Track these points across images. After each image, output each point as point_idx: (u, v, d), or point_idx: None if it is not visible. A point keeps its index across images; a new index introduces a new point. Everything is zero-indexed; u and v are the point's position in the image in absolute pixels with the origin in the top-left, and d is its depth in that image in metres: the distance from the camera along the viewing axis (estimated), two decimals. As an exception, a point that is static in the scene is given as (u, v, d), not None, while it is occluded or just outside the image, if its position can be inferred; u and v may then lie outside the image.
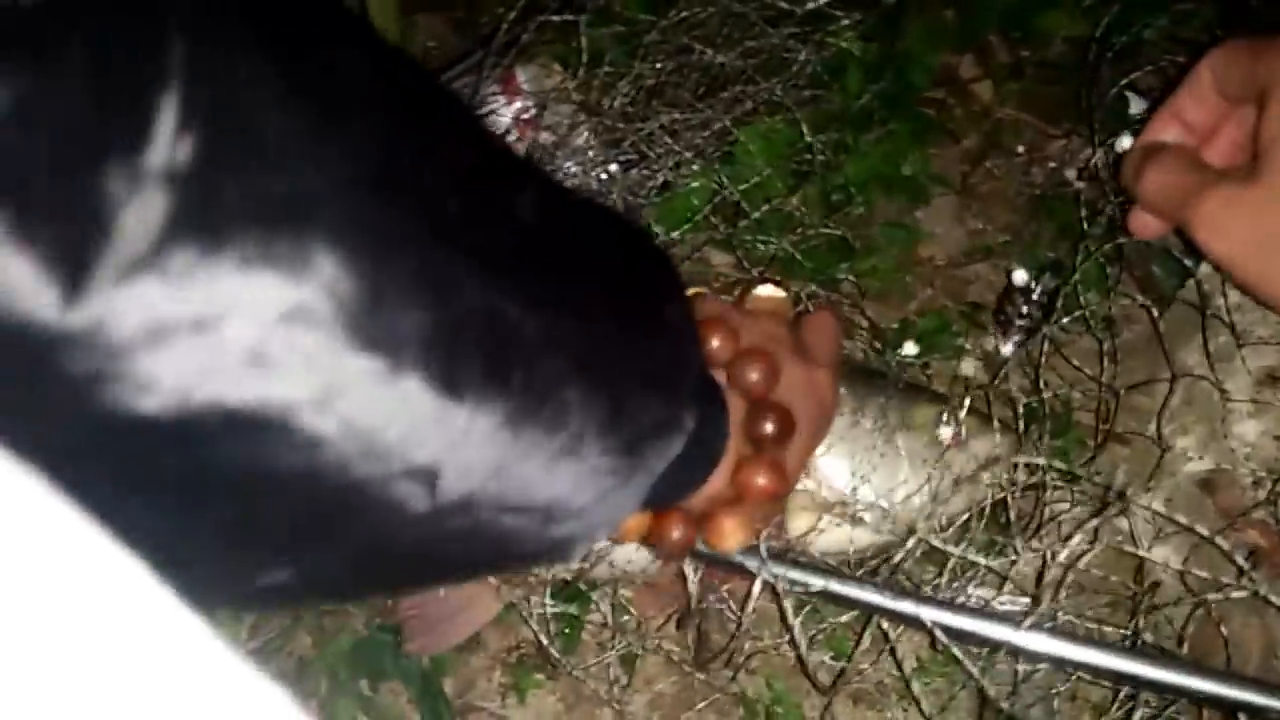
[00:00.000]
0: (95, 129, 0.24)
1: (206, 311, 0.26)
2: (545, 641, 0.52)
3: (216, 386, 0.27)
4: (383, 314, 0.28)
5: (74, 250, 0.24)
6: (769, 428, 0.45)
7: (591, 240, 0.40)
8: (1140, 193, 0.50)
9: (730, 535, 0.45)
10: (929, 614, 0.45)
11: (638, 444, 0.37)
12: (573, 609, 0.53)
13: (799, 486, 0.52)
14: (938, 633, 0.44)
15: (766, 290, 0.52)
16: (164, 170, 0.24)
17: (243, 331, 0.26)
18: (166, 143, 0.24)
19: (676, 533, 0.44)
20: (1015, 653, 0.45)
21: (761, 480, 0.44)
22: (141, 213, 0.24)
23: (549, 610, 0.52)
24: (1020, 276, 0.58)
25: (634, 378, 0.38)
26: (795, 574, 0.46)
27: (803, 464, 0.49)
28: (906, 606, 0.45)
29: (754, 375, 0.45)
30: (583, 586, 0.54)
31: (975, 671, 0.46)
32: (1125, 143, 0.55)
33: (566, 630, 0.56)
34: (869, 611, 0.48)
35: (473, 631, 0.57)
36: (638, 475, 0.37)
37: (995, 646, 0.45)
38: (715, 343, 0.46)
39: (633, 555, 0.51)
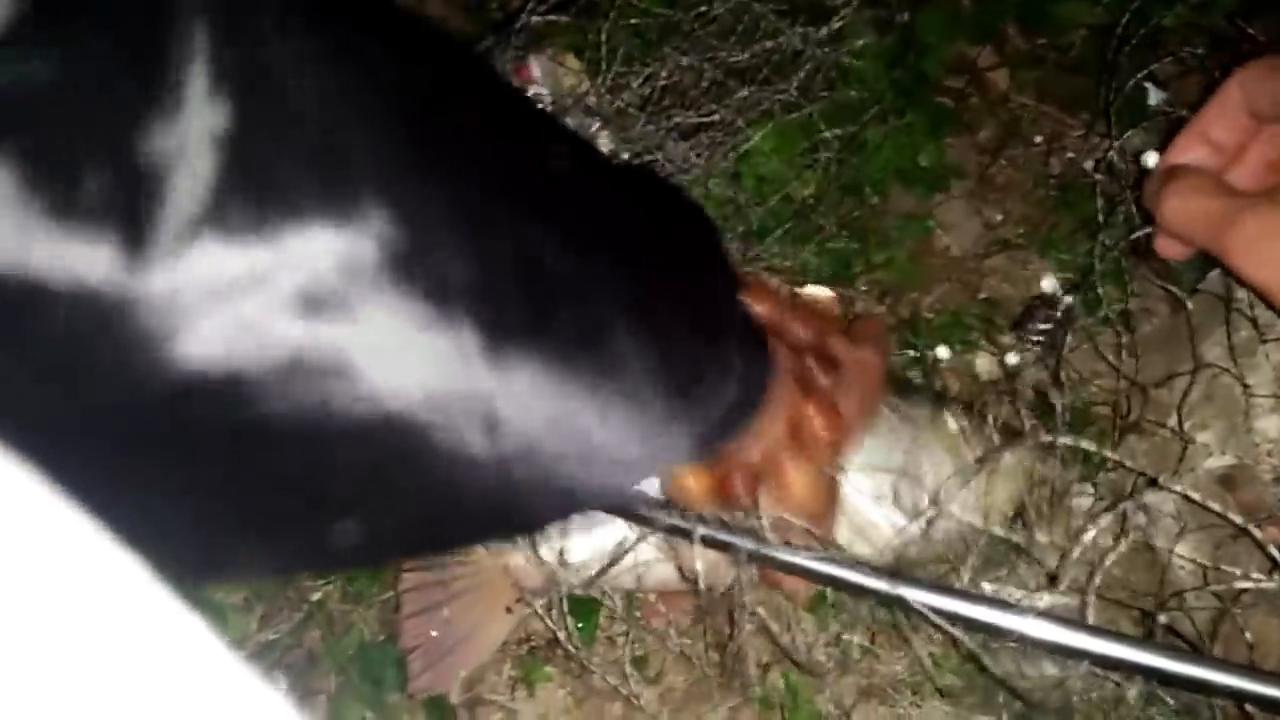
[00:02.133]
0: (129, 98, 0.25)
1: (264, 265, 0.27)
2: (562, 636, 0.51)
3: (276, 335, 0.27)
4: (428, 259, 0.29)
5: (133, 214, 0.25)
6: (822, 376, 0.46)
7: (628, 189, 0.40)
8: (1162, 221, 0.49)
9: (795, 483, 0.45)
10: (915, 595, 0.43)
11: (689, 385, 0.37)
12: (592, 592, 0.53)
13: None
14: (923, 611, 0.43)
15: (816, 290, 0.52)
16: (205, 132, 0.25)
17: (299, 280, 0.27)
18: (202, 105, 0.25)
19: (740, 485, 0.44)
20: (1014, 639, 0.44)
21: (818, 421, 0.45)
22: (191, 174, 0.25)
23: (565, 601, 0.51)
24: (1049, 284, 0.58)
25: (681, 320, 0.38)
26: (772, 550, 0.45)
27: (852, 439, 0.49)
28: (884, 585, 0.44)
29: (801, 330, 0.47)
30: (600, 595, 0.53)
31: (974, 647, 0.45)
32: (1151, 159, 0.52)
33: (581, 626, 0.56)
34: (851, 592, 0.47)
35: (479, 663, 0.55)
36: (691, 420, 0.37)
37: (985, 631, 0.44)
38: (761, 306, 0.46)
39: (656, 568, 0.50)
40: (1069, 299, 0.56)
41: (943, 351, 0.60)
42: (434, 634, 0.54)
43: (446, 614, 0.53)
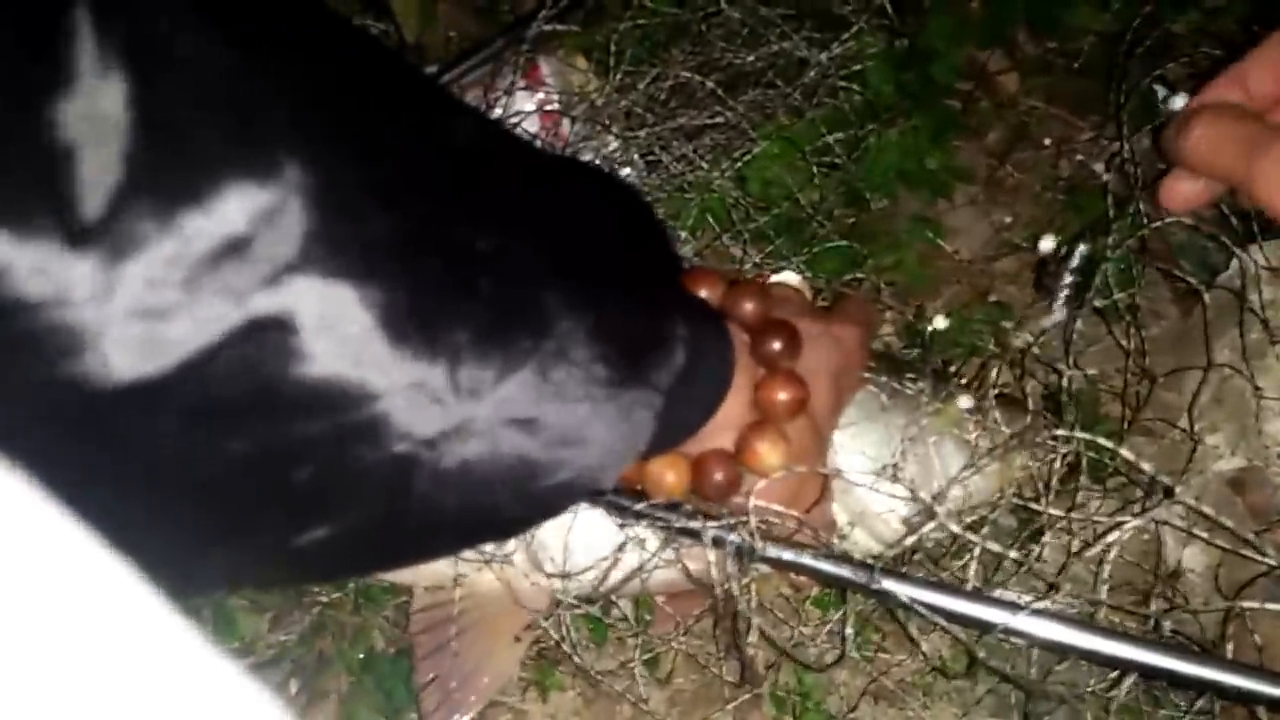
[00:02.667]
0: (25, 76, 0.25)
1: (191, 224, 0.26)
2: (568, 648, 0.51)
3: (213, 297, 0.27)
4: (348, 217, 0.29)
5: (56, 192, 0.25)
6: (775, 344, 0.45)
7: (554, 173, 0.40)
8: (1187, 148, 0.47)
9: (767, 455, 0.44)
10: (907, 591, 0.43)
11: (633, 353, 0.37)
12: (595, 611, 0.52)
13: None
14: (918, 608, 0.43)
15: (786, 276, 0.52)
16: (109, 105, 0.26)
17: (225, 234, 0.27)
18: (95, 79, 0.25)
19: (718, 474, 0.44)
20: (1017, 636, 0.43)
21: (782, 394, 0.44)
22: (103, 146, 0.25)
23: (570, 615, 0.51)
24: (1047, 244, 0.57)
25: (618, 291, 0.38)
26: (761, 547, 0.44)
27: (832, 413, 0.49)
28: (879, 582, 0.43)
29: (749, 305, 0.46)
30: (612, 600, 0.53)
31: (974, 647, 0.45)
32: (1178, 103, 0.51)
33: (592, 627, 0.56)
34: (843, 587, 0.46)
35: (493, 694, 0.54)
36: (641, 387, 0.37)
37: (988, 629, 0.43)
38: (703, 291, 0.46)
39: (658, 571, 0.49)
40: (1083, 247, 0.55)
41: (940, 322, 0.59)
42: (446, 669, 0.53)
43: (455, 648, 0.52)
